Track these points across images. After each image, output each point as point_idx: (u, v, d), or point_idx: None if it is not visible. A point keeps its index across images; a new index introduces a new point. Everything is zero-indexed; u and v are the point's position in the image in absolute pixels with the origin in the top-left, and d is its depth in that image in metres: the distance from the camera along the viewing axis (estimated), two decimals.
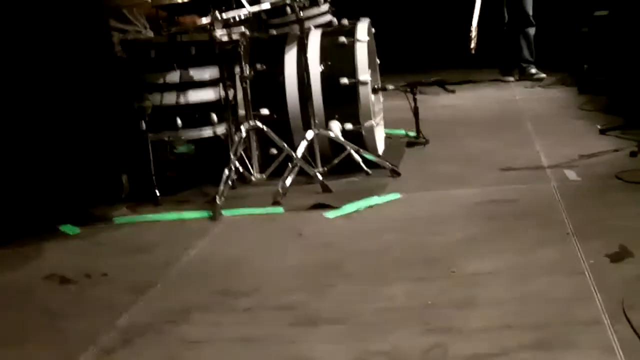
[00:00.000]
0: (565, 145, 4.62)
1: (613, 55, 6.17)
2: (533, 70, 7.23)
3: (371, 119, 4.49)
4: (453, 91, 6.34)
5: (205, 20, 4.23)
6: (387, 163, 4.43)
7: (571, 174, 4.08)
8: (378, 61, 4.95)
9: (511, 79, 7.20)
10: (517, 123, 5.46)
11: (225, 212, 3.96)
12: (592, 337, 2.33)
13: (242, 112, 4.40)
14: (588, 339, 2.32)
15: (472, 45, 6.20)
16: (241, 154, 4.24)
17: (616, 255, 2.94)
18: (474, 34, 6.45)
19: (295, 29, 4.48)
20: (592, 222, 3.35)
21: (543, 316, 2.51)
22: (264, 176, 4.29)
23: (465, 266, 3.01)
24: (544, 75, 7.15)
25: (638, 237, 3.07)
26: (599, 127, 4.92)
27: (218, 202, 3.96)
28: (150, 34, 4.72)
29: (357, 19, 4.69)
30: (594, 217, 3.41)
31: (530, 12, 7.12)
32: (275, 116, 4.46)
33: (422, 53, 8.42)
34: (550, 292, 2.70)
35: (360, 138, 4.49)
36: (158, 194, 4.24)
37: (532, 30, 7.17)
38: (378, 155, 4.55)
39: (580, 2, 7.33)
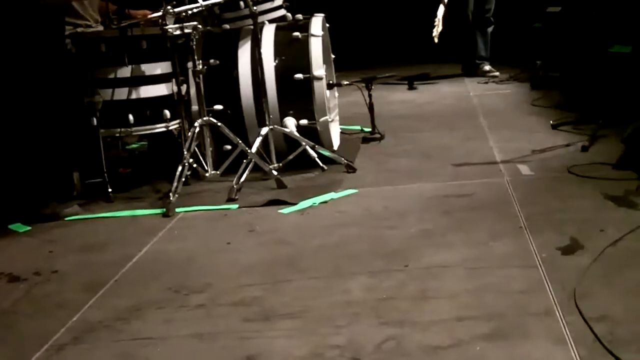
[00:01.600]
0: (519, 140, 4.67)
1: (566, 51, 6.26)
2: (487, 67, 7.30)
3: (326, 115, 4.48)
4: (415, 87, 6.34)
5: (156, 14, 4.17)
6: (343, 159, 4.42)
7: (524, 169, 4.12)
8: (333, 56, 4.95)
9: (472, 73, 7.26)
10: (472, 118, 5.50)
11: (179, 209, 3.91)
12: (545, 327, 2.35)
13: (195, 107, 4.36)
14: (540, 330, 2.33)
15: (435, 33, 6.23)
16: (195, 150, 4.20)
17: (567, 247, 2.97)
18: (438, 23, 6.49)
19: (249, 23, 4.45)
20: (545, 215, 3.38)
21: (496, 308, 2.53)
22: (218, 172, 4.25)
23: (421, 259, 3.01)
24: (497, 72, 7.23)
25: (589, 230, 3.11)
26: (551, 122, 4.97)
27: (171, 199, 3.92)
28: (101, 28, 4.65)
29: (312, 14, 4.67)
30: (547, 211, 3.44)
31: (491, 9, 7.19)
32: (229, 112, 4.43)
33: (377, 48, 8.46)
34: (504, 284, 2.72)
35: (315, 134, 4.47)
36: (110, 191, 4.18)
37: (490, 29, 7.24)
38: (333, 151, 4.54)
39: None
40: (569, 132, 4.76)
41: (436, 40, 6.14)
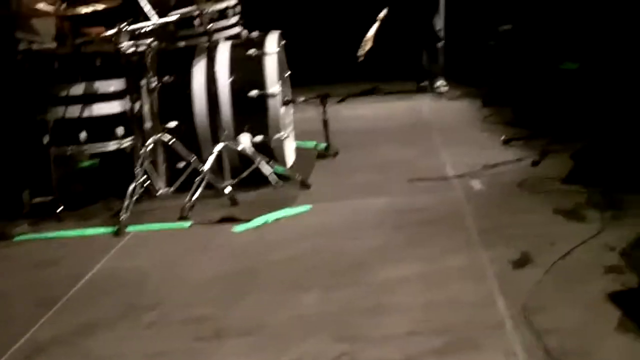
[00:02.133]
0: (471, 156, 4.71)
1: (516, 69, 6.36)
2: (439, 83, 7.38)
3: (281, 131, 4.48)
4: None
5: (111, 31, 4.14)
6: (297, 175, 4.43)
7: (476, 184, 4.16)
8: (288, 73, 4.95)
9: (425, 87, 7.33)
10: (425, 134, 5.55)
11: (131, 227, 3.87)
12: (496, 340, 2.38)
13: (148, 124, 4.32)
14: (492, 343, 2.36)
15: (361, 52, 6.28)
16: (147, 168, 4.16)
17: (519, 261, 3.01)
18: (368, 43, 6.56)
19: (204, 40, 4.45)
20: (496, 229, 3.42)
21: (449, 322, 2.55)
22: (171, 190, 4.22)
23: (375, 274, 3.03)
24: (447, 88, 7.30)
25: (539, 244, 3.16)
26: (502, 138, 5.04)
27: (123, 217, 3.88)
28: (55, 45, 4.60)
29: (267, 31, 4.68)
30: (498, 225, 3.48)
31: (440, 27, 7.28)
32: (182, 129, 4.40)
33: (333, 64, 8.49)
34: (457, 298, 2.74)
35: (270, 150, 4.47)
36: (61, 210, 4.11)
37: (440, 44, 7.32)
38: (288, 167, 4.54)
39: (485, 17, 7.54)
40: (520, 148, 4.82)
41: (360, 59, 6.22)
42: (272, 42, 4.55)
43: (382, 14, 6.43)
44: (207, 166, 4.17)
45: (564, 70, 5.52)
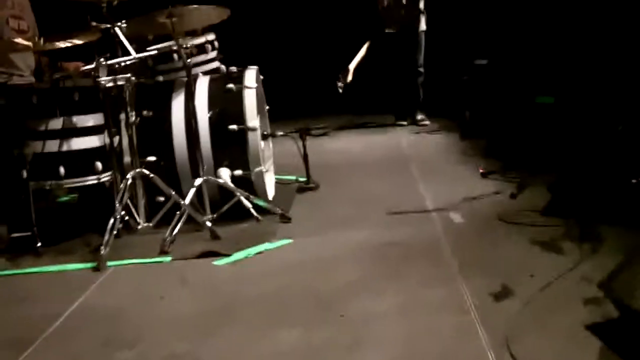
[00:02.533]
0: (450, 189, 4.75)
1: (493, 102, 6.43)
2: (419, 117, 7.45)
3: (260, 165, 4.49)
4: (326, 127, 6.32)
5: (89, 66, 4.15)
6: (278, 209, 4.43)
7: (455, 216, 4.19)
8: (267, 107, 4.98)
9: (404, 123, 7.39)
10: (404, 167, 5.58)
11: (110, 263, 3.84)
12: None
13: (127, 159, 4.32)
14: None
15: (341, 84, 6.36)
16: (127, 202, 4.15)
17: (499, 293, 3.02)
18: (348, 75, 6.64)
19: (183, 75, 4.46)
20: (476, 262, 3.44)
21: (429, 355, 2.55)
22: (151, 224, 4.21)
23: (355, 308, 3.02)
24: (428, 122, 7.38)
25: (518, 275, 3.18)
26: (480, 170, 5.08)
27: (102, 252, 3.85)
28: (33, 79, 4.60)
29: (246, 66, 4.71)
30: (478, 257, 3.50)
31: (421, 62, 7.37)
32: (162, 163, 4.39)
33: (311, 99, 8.55)
34: (437, 330, 2.74)
35: (249, 184, 4.47)
36: (39, 245, 4.08)
37: (421, 79, 7.41)
38: (268, 201, 4.54)
39: (461, 52, 7.64)
40: (498, 180, 4.87)
41: (340, 91, 6.29)
42: (251, 77, 4.57)
43: (364, 48, 6.52)
44: (187, 200, 4.17)
45: (540, 104, 5.60)
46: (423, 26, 7.38)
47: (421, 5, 7.35)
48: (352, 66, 6.88)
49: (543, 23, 6.10)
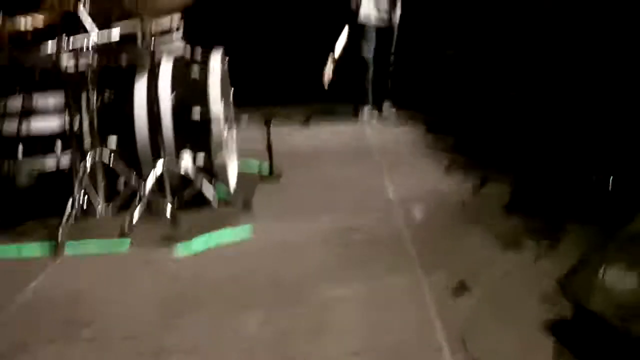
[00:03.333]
0: (414, 181, 4.76)
1: (460, 96, 6.45)
2: (386, 107, 7.43)
3: (223, 151, 4.44)
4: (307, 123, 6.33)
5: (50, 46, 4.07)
6: (240, 195, 4.39)
7: (419, 208, 4.19)
8: (232, 89, 4.91)
9: (367, 114, 7.36)
10: (369, 158, 5.58)
11: (69, 246, 3.78)
12: None
13: (88, 142, 4.24)
14: None
15: (326, 79, 6.35)
16: (86, 185, 4.08)
17: (457, 287, 3.03)
18: (329, 68, 6.62)
19: (146, 57, 4.39)
20: (437, 255, 3.45)
21: (388, 344, 2.56)
22: (110, 208, 4.14)
23: (317, 294, 3.02)
24: (394, 111, 7.37)
25: (477, 270, 3.19)
26: (445, 163, 5.09)
27: (60, 235, 3.79)
28: None
29: (211, 48, 4.65)
30: (439, 251, 3.52)
31: (391, 52, 7.33)
32: (123, 147, 4.32)
33: (277, 85, 8.50)
34: (396, 321, 2.76)
35: (212, 170, 4.42)
36: None
37: (391, 69, 7.37)
38: (230, 187, 4.50)
39: (431, 42, 7.64)
40: (462, 174, 4.87)
41: (326, 87, 6.29)
42: (216, 60, 4.51)
43: (344, 35, 6.51)
44: (148, 185, 4.11)
45: (504, 97, 5.62)
46: (398, 18, 7.35)
47: None
48: (336, 55, 6.84)
49: (516, 20, 6.13)
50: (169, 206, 4.13)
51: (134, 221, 3.98)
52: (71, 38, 4.11)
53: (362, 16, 7.12)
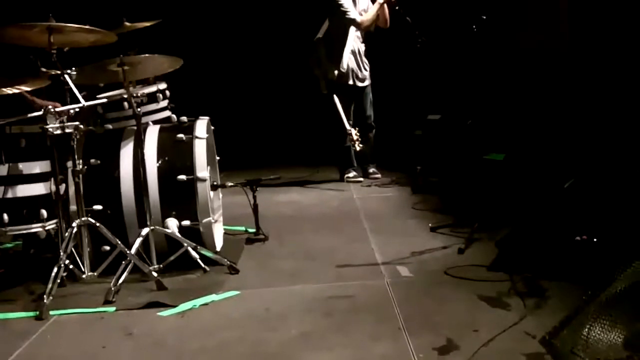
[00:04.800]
0: (399, 243, 4.77)
1: (444, 158, 6.53)
2: (371, 170, 7.49)
3: (209, 216, 4.46)
4: (278, 178, 6.34)
5: (37, 112, 4.11)
6: (226, 260, 4.39)
7: (404, 270, 4.20)
8: (218, 158, 4.98)
9: (352, 177, 7.40)
10: (354, 221, 5.60)
11: (53, 312, 3.76)
12: None
13: (73, 207, 4.25)
14: None
15: (356, 144, 6.55)
16: (72, 251, 4.08)
17: (443, 348, 3.03)
18: (353, 133, 6.78)
19: (133, 123, 4.44)
20: (422, 316, 3.44)
21: None
22: (96, 274, 4.13)
23: None
24: (379, 175, 7.42)
25: (463, 331, 3.19)
26: (430, 225, 5.12)
27: (45, 301, 3.77)
28: None
29: (197, 117, 4.71)
30: (424, 312, 3.51)
31: (371, 115, 7.42)
32: (108, 212, 4.34)
33: (262, 150, 8.58)
34: None
35: (198, 234, 4.44)
36: None
37: (372, 133, 7.46)
38: (216, 252, 4.50)
39: (414, 107, 7.76)
40: (447, 235, 4.90)
41: (358, 149, 6.54)
42: (202, 127, 4.57)
43: (337, 102, 6.68)
44: (132, 250, 4.11)
45: (488, 161, 5.70)
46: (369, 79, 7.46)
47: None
48: (347, 126, 7.01)
49: (495, 81, 6.25)
50: (154, 271, 4.13)
51: (119, 287, 3.97)
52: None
53: (347, 77, 7.23)
